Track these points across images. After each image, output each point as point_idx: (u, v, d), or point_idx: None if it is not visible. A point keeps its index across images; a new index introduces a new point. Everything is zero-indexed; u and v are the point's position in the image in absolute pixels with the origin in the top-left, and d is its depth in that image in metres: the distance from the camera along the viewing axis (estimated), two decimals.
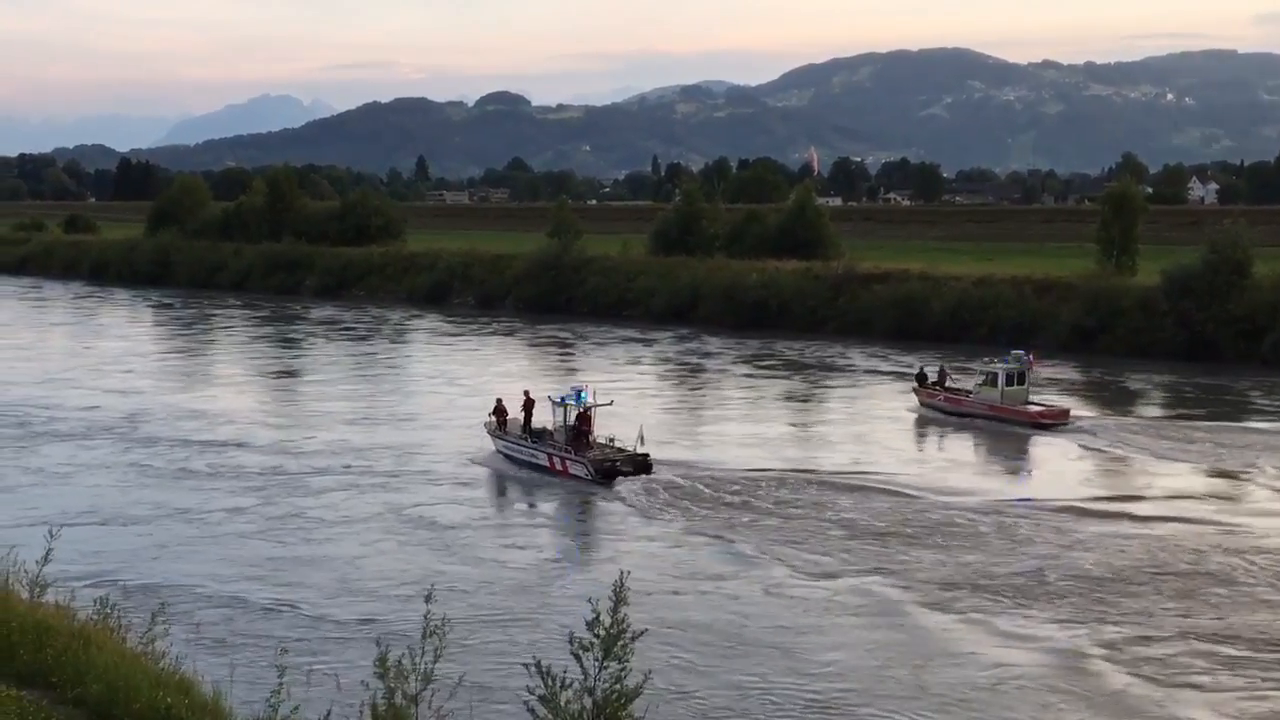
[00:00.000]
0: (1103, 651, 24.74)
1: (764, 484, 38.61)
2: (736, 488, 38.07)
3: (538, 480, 40.92)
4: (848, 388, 62.59)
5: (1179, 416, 53.48)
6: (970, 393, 52.05)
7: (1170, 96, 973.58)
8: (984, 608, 27.39)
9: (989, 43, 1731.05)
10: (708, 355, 73.76)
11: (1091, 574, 29.67)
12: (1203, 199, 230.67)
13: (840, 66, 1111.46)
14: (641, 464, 39.78)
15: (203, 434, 47.05)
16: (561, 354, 74.64)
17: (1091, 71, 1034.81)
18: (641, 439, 40.26)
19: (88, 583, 25.88)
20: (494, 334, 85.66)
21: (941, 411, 52.35)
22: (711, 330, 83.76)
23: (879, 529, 33.76)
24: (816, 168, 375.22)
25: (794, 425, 52.03)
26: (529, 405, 43.40)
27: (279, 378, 66.64)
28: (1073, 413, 50.15)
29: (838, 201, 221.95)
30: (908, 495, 37.63)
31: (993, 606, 27.46)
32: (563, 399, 42.06)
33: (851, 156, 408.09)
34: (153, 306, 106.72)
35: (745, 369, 67.99)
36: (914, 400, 54.32)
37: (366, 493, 38.39)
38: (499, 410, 44.20)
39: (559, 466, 40.98)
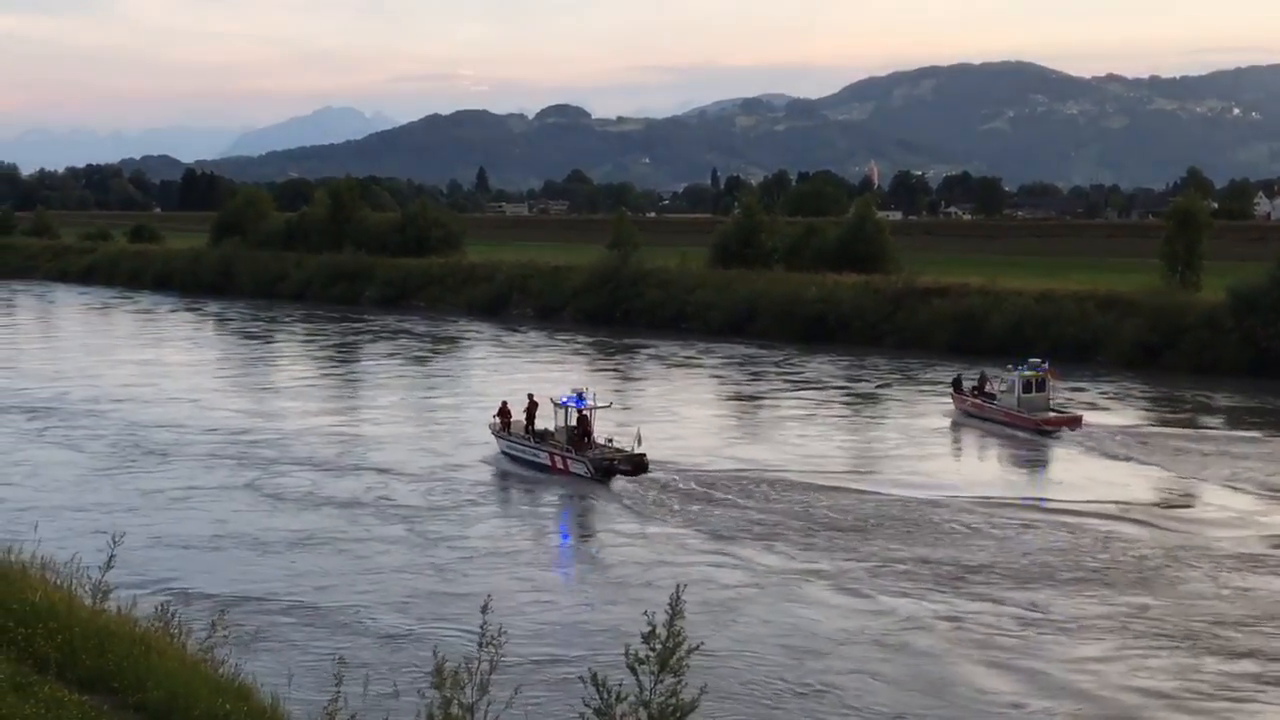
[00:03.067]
0: None
1: (748, 484, 40.13)
2: (725, 487, 39.60)
3: (540, 478, 42.19)
4: (890, 400, 62.51)
5: (1205, 428, 53.78)
6: (995, 399, 54.33)
7: (1236, 110, 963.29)
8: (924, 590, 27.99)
9: (1052, 56, 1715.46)
10: (760, 367, 73.38)
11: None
12: (1269, 214, 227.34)
13: (901, 79, 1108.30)
14: (638, 463, 41.19)
15: (323, 457, 45.84)
16: (623, 365, 74.46)
17: (1156, 85, 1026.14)
18: (639, 440, 41.67)
19: (150, 591, 26.15)
20: (603, 349, 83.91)
21: (968, 415, 54.91)
22: (769, 343, 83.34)
23: (848, 525, 35.65)
24: (877, 181, 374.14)
25: (816, 432, 52.42)
26: (533, 407, 45.01)
27: (378, 392, 64.54)
28: (1086, 420, 51.72)
29: (898, 215, 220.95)
30: (886, 496, 38.86)
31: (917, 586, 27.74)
32: (564, 401, 43.76)
33: (912, 170, 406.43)
34: (262, 322, 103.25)
35: (794, 381, 67.65)
36: (951, 405, 56.89)
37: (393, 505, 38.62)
38: (503, 412, 45.81)
39: (560, 465, 42.50)
